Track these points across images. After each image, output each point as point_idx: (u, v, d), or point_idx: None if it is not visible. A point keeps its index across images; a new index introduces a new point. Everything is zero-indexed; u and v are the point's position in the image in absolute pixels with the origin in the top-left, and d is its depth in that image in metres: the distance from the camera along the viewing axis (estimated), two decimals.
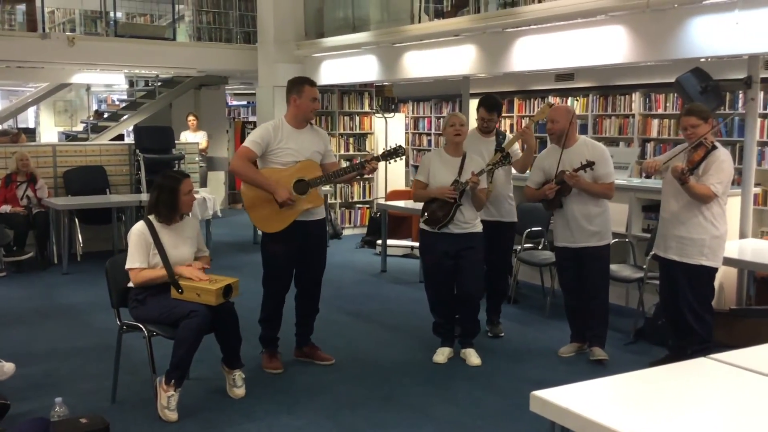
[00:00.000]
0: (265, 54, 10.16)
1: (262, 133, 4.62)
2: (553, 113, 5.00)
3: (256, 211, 4.66)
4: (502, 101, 5.73)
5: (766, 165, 8.03)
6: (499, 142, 5.45)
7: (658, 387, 2.46)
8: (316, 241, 4.81)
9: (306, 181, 4.59)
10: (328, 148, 4.83)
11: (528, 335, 5.70)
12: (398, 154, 4.81)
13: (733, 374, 2.56)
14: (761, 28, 5.16)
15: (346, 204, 10.68)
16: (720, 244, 4.51)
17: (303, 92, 4.63)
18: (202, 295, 4.08)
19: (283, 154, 4.60)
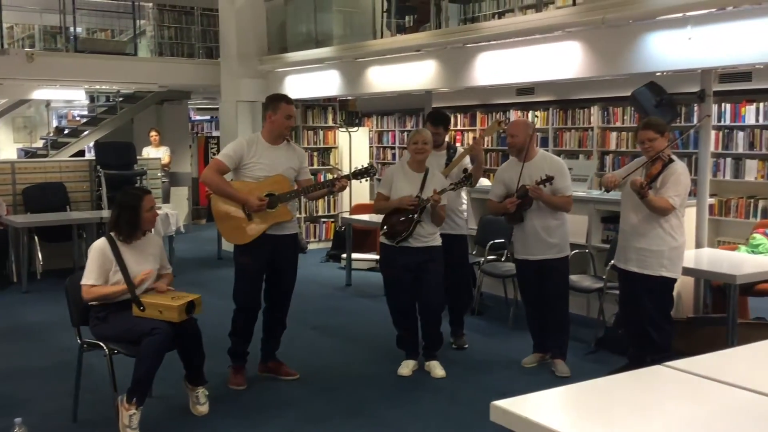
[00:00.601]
0: (228, 69, 10.14)
1: (236, 147, 4.68)
2: (512, 128, 5.08)
3: (225, 222, 4.69)
4: (449, 116, 5.84)
5: (721, 176, 8.23)
6: (450, 156, 5.53)
7: (616, 395, 2.51)
8: (287, 256, 4.82)
9: (276, 196, 4.62)
10: (303, 165, 4.87)
11: (492, 346, 5.75)
12: (368, 173, 4.88)
13: (688, 382, 2.62)
14: (713, 43, 5.32)
15: (310, 218, 10.67)
16: (679, 255, 4.60)
17: (279, 109, 4.68)
18: (164, 312, 4.05)
19: (256, 169, 4.64)
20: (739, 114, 8.13)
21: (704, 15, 5.30)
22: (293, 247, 4.91)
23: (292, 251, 4.90)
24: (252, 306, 4.79)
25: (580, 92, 9.62)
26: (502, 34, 6.83)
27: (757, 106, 7.94)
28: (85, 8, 12.27)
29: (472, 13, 9.35)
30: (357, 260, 8.57)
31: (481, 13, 8.93)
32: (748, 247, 5.86)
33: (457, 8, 9.21)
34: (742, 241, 6.75)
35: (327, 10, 9.49)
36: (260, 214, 4.61)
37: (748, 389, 2.46)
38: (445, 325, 5.41)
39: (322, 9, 9.51)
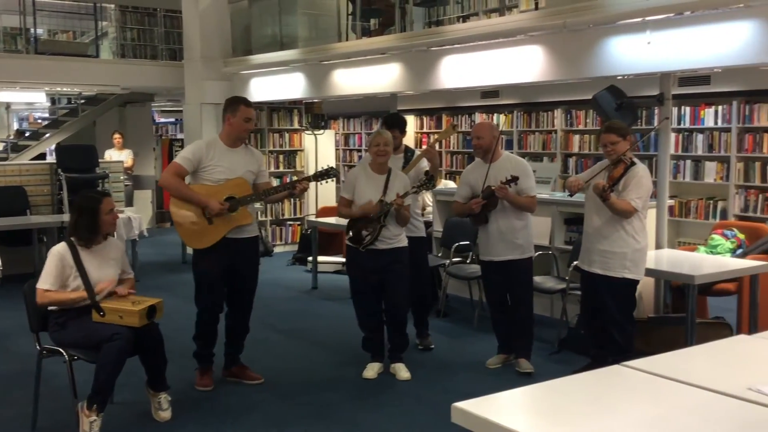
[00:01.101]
0: (192, 71, 10.06)
1: (194, 149, 4.64)
2: (478, 130, 5.12)
3: (185, 227, 4.65)
4: (405, 119, 5.88)
5: (681, 178, 8.37)
6: (407, 159, 5.56)
7: (575, 395, 2.54)
8: (248, 259, 4.79)
9: (236, 199, 4.59)
10: (261, 168, 4.85)
11: (457, 348, 5.78)
12: (330, 175, 4.89)
13: (646, 381, 2.66)
14: (672, 47, 5.42)
15: (276, 221, 10.63)
16: (641, 256, 4.67)
17: (237, 112, 4.65)
18: (124, 317, 4.00)
19: (215, 172, 4.61)
20: (699, 117, 8.28)
21: (663, 20, 5.40)
22: (254, 250, 4.88)
23: (253, 254, 4.87)
24: (214, 309, 4.76)
25: (544, 95, 9.72)
26: (466, 38, 6.88)
27: (715, 109, 8.10)
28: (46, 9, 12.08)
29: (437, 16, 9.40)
30: (323, 263, 8.55)
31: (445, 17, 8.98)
32: (707, 247, 5.97)
33: (422, 12, 9.26)
34: (701, 241, 6.87)
35: (292, 12, 9.47)
36: (221, 218, 4.57)
37: (704, 388, 2.51)
38: (410, 327, 5.42)
39: (286, 11, 9.49)
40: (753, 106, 7.75)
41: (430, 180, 5.06)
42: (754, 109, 7.75)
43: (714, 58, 5.25)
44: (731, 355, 2.97)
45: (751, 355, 2.96)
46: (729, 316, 5.64)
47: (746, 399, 2.39)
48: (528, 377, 4.95)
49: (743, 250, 5.83)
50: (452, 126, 5.83)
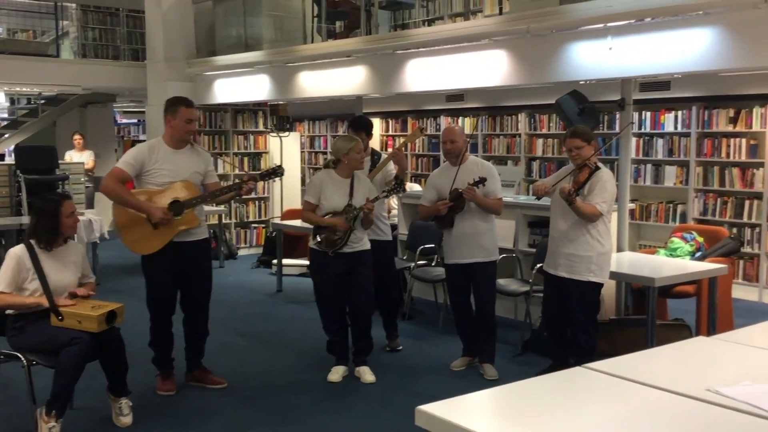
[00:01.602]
0: (155, 72, 9.95)
1: (136, 153, 4.56)
2: (450, 134, 5.11)
3: (129, 233, 4.57)
4: (371, 121, 5.88)
5: (642, 182, 8.51)
6: (374, 162, 5.57)
7: (538, 397, 2.56)
8: (198, 262, 4.73)
9: (181, 202, 4.51)
10: (209, 168, 4.79)
11: (422, 350, 5.79)
12: (276, 174, 4.85)
13: (607, 383, 2.69)
14: (633, 53, 5.50)
15: (241, 223, 10.55)
16: (606, 260, 4.72)
17: (177, 113, 4.58)
18: (83, 322, 3.94)
19: (159, 175, 4.53)
20: (659, 122, 8.42)
21: (624, 26, 5.48)
22: (204, 253, 4.81)
23: (203, 257, 4.81)
24: (165, 314, 4.70)
25: (509, 99, 9.80)
26: (431, 42, 6.91)
27: (675, 114, 8.24)
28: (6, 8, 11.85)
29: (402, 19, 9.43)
30: (288, 266, 8.52)
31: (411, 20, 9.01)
32: (667, 250, 6.07)
33: (388, 15, 9.27)
34: (662, 244, 6.98)
35: (257, 13, 9.41)
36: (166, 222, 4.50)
37: (664, 389, 2.55)
38: (377, 330, 5.42)
39: (251, 12, 9.43)
40: (712, 111, 7.91)
41: (399, 184, 5.08)
42: (712, 115, 7.90)
43: (674, 64, 5.35)
44: (691, 357, 3.02)
45: (709, 357, 3.01)
46: (688, 318, 5.74)
47: (705, 400, 2.43)
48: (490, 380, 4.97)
49: (702, 253, 5.95)
50: (420, 129, 5.83)
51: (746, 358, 2.95)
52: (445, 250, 5.23)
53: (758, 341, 3.22)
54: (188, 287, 4.74)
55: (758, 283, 7.46)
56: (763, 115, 7.44)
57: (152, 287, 4.68)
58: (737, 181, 7.69)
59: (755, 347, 3.07)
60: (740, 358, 2.95)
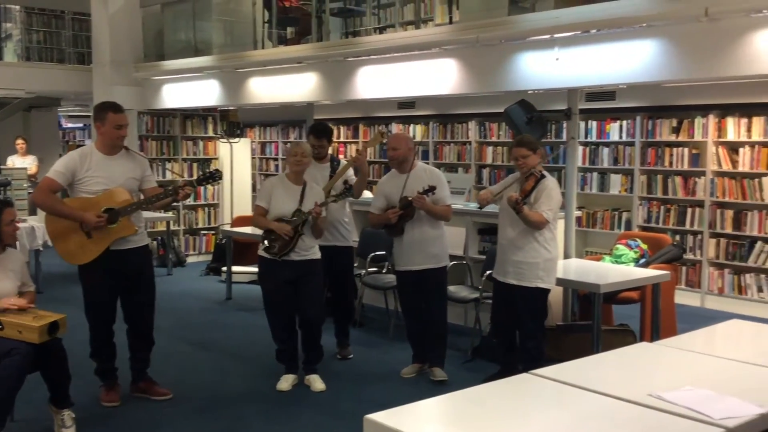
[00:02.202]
0: (101, 76, 9.75)
1: (67, 162, 4.44)
2: (394, 141, 5.15)
3: (62, 243, 4.45)
4: (332, 128, 5.88)
5: (588, 189, 8.67)
6: (333, 168, 5.56)
7: (486, 404, 2.59)
8: (137, 270, 4.63)
9: (116, 210, 4.41)
10: (146, 173, 4.69)
11: (373, 357, 5.79)
12: (214, 178, 4.79)
13: (553, 389, 2.74)
14: (578, 64, 5.61)
15: (190, 230, 10.41)
16: (552, 266, 4.81)
17: (106, 120, 4.46)
18: (24, 333, 3.83)
19: (92, 183, 4.42)
20: (604, 131, 8.59)
21: (571, 37, 5.59)
22: (145, 260, 4.72)
23: (144, 264, 4.72)
24: (104, 324, 4.60)
25: (459, 107, 9.89)
26: (382, 49, 6.94)
27: (620, 124, 8.42)
28: None
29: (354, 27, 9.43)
30: (238, 273, 8.42)
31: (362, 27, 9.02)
32: (612, 257, 6.19)
33: (339, 22, 9.26)
34: (607, 251, 7.12)
35: (206, 18, 9.31)
36: (100, 231, 4.39)
37: (607, 395, 2.60)
38: (328, 338, 5.40)
39: (201, 17, 9.33)
40: (655, 121, 8.10)
41: (348, 189, 5.08)
42: (656, 124, 8.10)
43: (619, 75, 5.47)
44: (634, 362, 3.09)
45: (652, 362, 3.08)
46: (632, 323, 5.86)
47: (647, 405, 2.49)
48: (442, 386, 5.00)
49: (646, 259, 6.08)
50: (380, 133, 5.85)
51: (688, 362, 3.03)
52: (396, 257, 5.24)
53: (699, 346, 3.31)
54: (129, 296, 4.65)
55: (700, 289, 7.66)
56: (705, 125, 7.66)
57: (89, 297, 4.58)
58: (680, 190, 7.89)
59: (697, 352, 3.16)
60: (682, 363, 3.03)
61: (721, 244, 7.56)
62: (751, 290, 7.34)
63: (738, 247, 7.44)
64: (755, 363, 2.97)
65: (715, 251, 7.59)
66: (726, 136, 7.54)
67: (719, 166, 7.56)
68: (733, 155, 7.51)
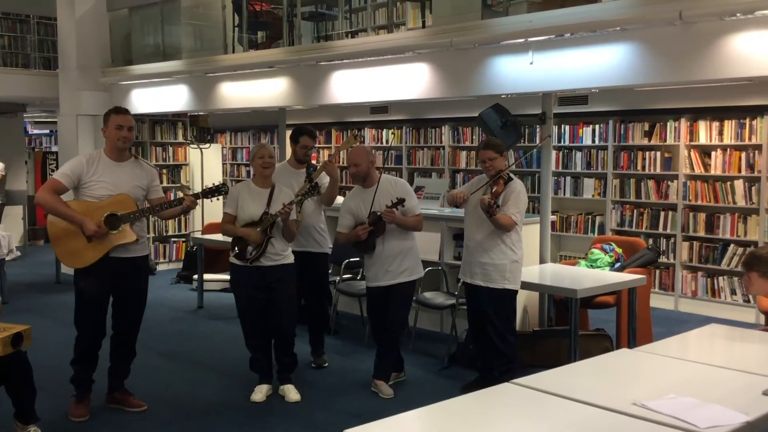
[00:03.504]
0: (67, 81, 9.56)
1: (74, 165, 4.39)
2: (354, 157, 4.97)
3: (62, 245, 4.38)
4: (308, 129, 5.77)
5: (561, 194, 8.67)
6: (309, 173, 5.47)
7: (466, 416, 2.52)
8: (133, 280, 4.54)
9: (118, 216, 4.34)
10: (154, 182, 4.63)
11: (348, 366, 5.70)
12: (220, 192, 4.74)
13: (533, 398, 2.68)
14: (552, 68, 5.59)
15: (160, 238, 10.23)
16: (519, 267, 4.82)
17: (108, 122, 4.44)
18: None
19: (97, 188, 4.36)
20: (577, 135, 8.61)
21: (545, 41, 5.56)
22: (141, 271, 4.62)
23: (140, 275, 4.62)
24: (95, 332, 4.49)
25: (432, 112, 9.86)
26: (354, 53, 6.87)
27: (593, 128, 8.44)
28: None
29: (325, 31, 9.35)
30: (209, 281, 8.29)
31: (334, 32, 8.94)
32: (588, 261, 6.17)
33: (311, 26, 9.18)
34: (581, 255, 7.11)
35: (175, 22, 9.16)
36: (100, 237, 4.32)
37: (590, 404, 2.55)
38: (303, 346, 5.30)
39: (169, 21, 9.17)
40: (628, 125, 8.13)
41: (314, 188, 4.96)
42: (628, 128, 8.13)
43: (593, 79, 5.45)
44: (615, 370, 3.04)
45: (634, 370, 3.04)
46: (608, 327, 5.85)
47: (632, 414, 2.44)
48: (418, 395, 4.93)
49: (621, 263, 6.07)
50: (354, 136, 5.77)
51: (670, 369, 2.99)
52: (367, 272, 5.05)
53: (680, 352, 3.28)
54: (121, 305, 4.56)
55: (673, 292, 7.69)
56: (677, 128, 7.70)
57: (82, 303, 4.47)
58: (653, 193, 7.92)
59: (677, 358, 3.12)
60: (664, 369, 2.99)
61: (694, 247, 7.60)
62: (724, 293, 7.38)
63: (711, 250, 7.49)
64: (736, 369, 2.94)
65: (688, 254, 7.63)
66: (698, 140, 7.58)
67: (691, 169, 7.61)
68: (706, 158, 7.55)
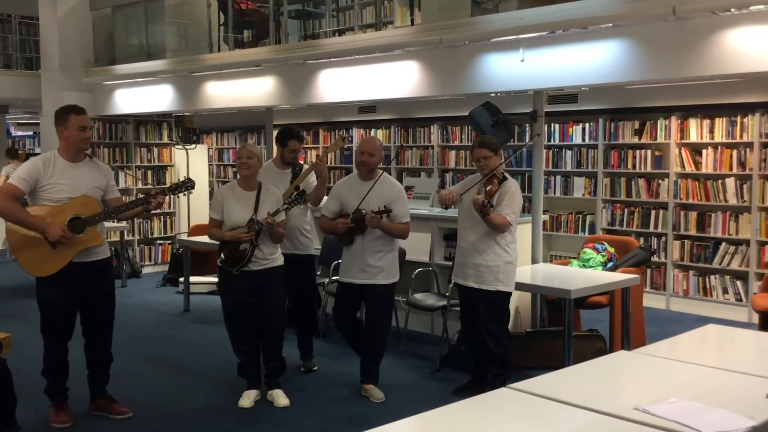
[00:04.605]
0: (50, 81, 9.41)
1: (30, 168, 4.21)
2: (369, 147, 4.82)
3: (25, 253, 4.22)
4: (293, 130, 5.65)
5: (552, 193, 8.61)
6: (295, 174, 5.37)
7: (462, 423, 2.43)
8: (99, 283, 4.41)
9: (83, 219, 4.20)
10: (110, 182, 4.49)
11: (337, 369, 5.59)
12: (187, 187, 4.60)
13: (530, 403, 2.59)
14: (543, 66, 5.52)
15: (145, 240, 10.09)
16: (512, 269, 4.72)
17: (68, 122, 4.26)
18: None
19: (56, 191, 4.21)
20: (567, 134, 8.54)
21: (536, 38, 5.49)
22: (106, 273, 4.50)
23: (106, 278, 4.49)
24: (61, 340, 4.36)
25: (421, 111, 9.77)
26: (342, 51, 6.78)
27: (583, 127, 8.38)
28: None
29: (312, 30, 9.25)
30: (196, 284, 8.16)
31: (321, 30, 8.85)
32: (580, 261, 6.10)
33: (297, 24, 9.08)
34: (572, 254, 7.05)
35: (159, 21, 9.03)
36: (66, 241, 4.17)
37: (590, 409, 2.47)
38: (292, 349, 5.19)
39: (153, 20, 9.04)
40: (618, 123, 8.08)
41: (301, 195, 4.81)
42: (618, 127, 8.07)
43: (585, 76, 5.39)
44: (614, 373, 2.96)
45: (633, 372, 2.96)
46: (600, 327, 5.78)
47: (634, 420, 2.36)
48: (408, 397, 4.83)
49: (614, 263, 6.01)
50: (341, 138, 5.67)
51: (670, 372, 2.91)
52: (343, 267, 4.93)
53: (679, 354, 3.20)
54: (89, 311, 4.42)
55: (665, 291, 7.64)
56: (667, 126, 7.65)
57: (47, 312, 4.33)
58: (643, 192, 7.87)
59: (677, 360, 3.04)
60: (664, 372, 2.90)
61: (685, 246, 7.55)
62: (716, 292, 7.33)
63: (702, 248, 7.44)
64: (738, 371, 2.86)
65: (680, 253, 7.58)
66: (689, 138, 7.54)
67: (682, 167, 7.56)
68: (696, 157, 7.51)
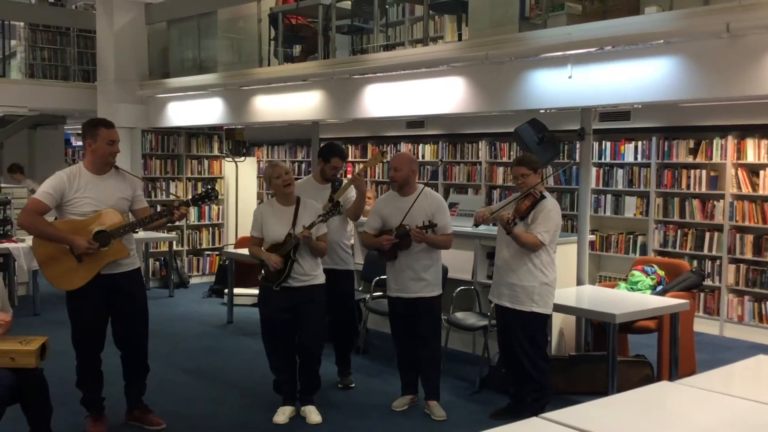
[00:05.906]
0: (105, 93, 9.63)
1: (55, 182, 4.23)
2: (397, 161, 4.91)
3: (52, 267, 4.23)
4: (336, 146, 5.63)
5: (602, 212, 8.40)
6: (334, 189, 5.34)
7: None
8: (129, 295, 4.41)
9: (108, 232, 4.20)
10: (137, 193, 4.49)
11: (374, 387, 5.52)
12: (209, 197, 4.57)
13: None
14: (592, 82, 5.39)
15: (194, 251, 10.21)
16: (549, 291, 4.59)
17: (98, 136, 4.27)
18: (18, 359, 3.67)
19: (81, 204, 4.22)
20: (619, 152, 8.34)
21: (584, 54, 5.37)
22: (135, 285, 4.49)
23: (135, 289, 4.49)
24: (92, 352, 4.38)
25: (469, 127, 9.67)
26: (388, 67, 6.75)
27: (635, 145, 8.17)
28: None
29: (361, 45, 9.26)
30: (240, 296, 8.20)
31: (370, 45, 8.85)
32: (628, 284, 5.92)
33: (347, 40, 9.10)
34: (622, 275, 6.85)
35: (212, 35, 9.18)
36: (92, 255, 4.18)
37: None
38: (330, 365, 5.14)
39: (206, 35, 9.19)
40: (672, 142, 7.85)
41: (336, 206, 4.79)
42: (672, 146, 7.84)
43: (635, 94, 5.24)
44: (656, 405, 2.81)
45: (678, 406, 2.80)
46: (649, 353, 5.59)
47: None
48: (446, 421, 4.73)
49: (663, 287, 5.80)
50: (381, 153, 5.62)
51: (718, 406, 2.74)
52: (389, 282, 4.96)
53: (728, 387, 3.02)
54: (120, 323, 4.43)
55: (719, 316, 7.36)
56: (723, 146, 7.40)
57: (77, 325, 4.35)
58: (697, 213, 7.61)
59: (726, 394, 2.87)
60: (712, 406, 2.74)
61: (740, 270, 7.26)
62: None
63: (759, 273, 7.14)
64: None
65: (735, 277, 7.30)
66: (746, 158, 7.27)
67: (739, 188, 7.29)
68: (754, 178, 7.23)
